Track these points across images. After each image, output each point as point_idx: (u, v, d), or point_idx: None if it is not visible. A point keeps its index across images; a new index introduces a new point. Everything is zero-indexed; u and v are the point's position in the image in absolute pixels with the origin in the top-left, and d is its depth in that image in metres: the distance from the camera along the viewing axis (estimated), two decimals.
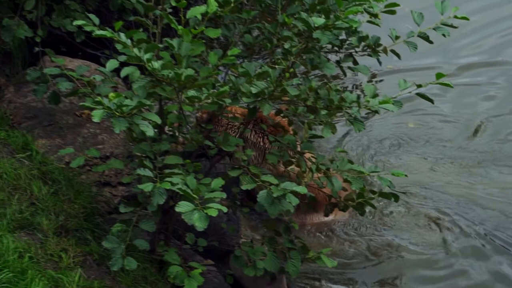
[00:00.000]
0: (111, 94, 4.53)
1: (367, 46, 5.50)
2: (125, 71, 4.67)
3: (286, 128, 5.69)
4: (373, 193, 5.41)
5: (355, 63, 5.57)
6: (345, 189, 5.42)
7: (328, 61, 5.15)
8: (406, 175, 5.24)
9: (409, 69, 9.03)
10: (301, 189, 4.68)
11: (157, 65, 4.54)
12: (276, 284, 5.83)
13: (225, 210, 4.38)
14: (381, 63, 5.60)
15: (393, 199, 5.36)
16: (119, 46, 4.65)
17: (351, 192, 5.45)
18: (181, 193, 4.46)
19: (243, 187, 4.98)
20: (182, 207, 4.34)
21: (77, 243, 5.20)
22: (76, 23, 4.90)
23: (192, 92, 4.63)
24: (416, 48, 5.39)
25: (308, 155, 5.46)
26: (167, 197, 4.68)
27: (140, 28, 5.05)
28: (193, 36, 4.66)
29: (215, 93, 4.63)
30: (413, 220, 7.07)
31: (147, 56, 4.54)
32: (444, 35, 5.31)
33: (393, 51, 5.52)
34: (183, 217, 4.33)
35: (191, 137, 5.18)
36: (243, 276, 5.69)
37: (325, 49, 5.34)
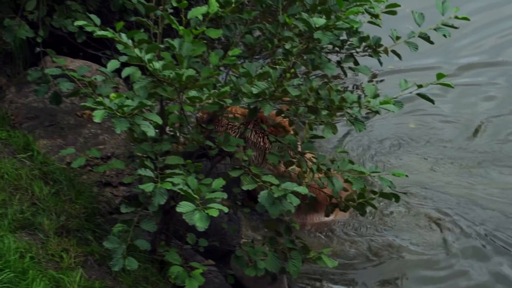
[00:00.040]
0: (112, 94, 4.53)
1: (368, 46, 5.50)
2: (126, 72, 4.67)
3: (287, 128, 5.70)
4: (374, 193, 5.42)
5: (356, 63, 5.58)
6: (346, 190, 5.42)
7: (329, 61, 5.15)
8: (406, 176, 5.24)
9: (410, 69, 9.03)
10: (302, 190, 4.68)
11: (158, 65, 4.54)
12: (277, 284, 5.83)
13: (226, 210, 4.38)
14: (382, 64, 5.61)
15: (394, 199, 5.36)
16: (120, 46, 4.66)
17: (352, 192, 5.45)
18: (182, 193, 4.47)
19: (244, 188, 4.98)
20: (183, 207, 4.34)
21: (78, 243, 5.20)
22: (77, 23, 4.91)
23: (193, 92, 4.63)
24: (417, 48, 5.39)
25: (309, 155, 5.47)
26: (168, 197, 4.67)
27: (141, 28, 5.06)
28: (194, 36, 4.66)
29: (216, 93, 4.63)
30: (414, 220, 7.07)
31: (148, 56, 4.55)
32: (445, 36, 5.31)
33: (394, 52, 5.52)
34: (184, 217, 4.33)
35: (192, 138, 5.18)
36: (244, 276, 5.70)
37: (326, 50, 5.34)
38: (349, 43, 5.51)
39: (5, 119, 6.31)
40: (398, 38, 5.37)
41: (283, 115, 5.40)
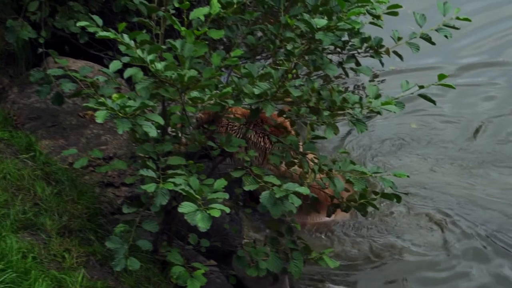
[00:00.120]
0: (114, 95, 4.54)
1: (369, 47, 5.51)
2: (128, 72, 4.68)
3: (288, 129, 5.70)
4: (375, 194, 5.42)
5: (358, 64, 5.58)
6: (347, 190, 5.42)
7: (330, 62, 5.16)
8: (408, 176, 5.25)
9: (410, 70, 9.01)
10: (304, 190, 4.69)
11: (160, 66, 4.55)
12: (278, 284, 5.83)
13: (227, 210, 4.38)
14: (383, 64, 5.61)
15: (395, 200, 5.36)
16: (122, 47, 4.66)
17: (353, 192, 5.45)
18: (184, 194, 4.48)
19: (246, 188, 4.99)
20: (185, 207, 4.35)
21: (80, 243, 5.21)
22: (79, 24, 4.92)
23: (195, 93, 4.64)
24: (418, 49, 5.40)
25: (310, 156, 5.47)
26: (170, 197, 4.68)
27: (143, 29, 5.06)
28: (196, 37, 4.67)
29: (218, 94, 4.64)
30: (415, 221, 7.06)
31: (150, 57, 4.56)
32: (446, 37, 5.32)
33: (396, 52, 5.52)
34: (186, 217, 4.34)
35: (193, 138, 5.19)
36: (245, 276, 5.70)
37: (327, 50, 5.35)
38: (350, 44, 5.52)
39: (7, 120, 6.31)
40: (399, 39, 5.37)
41: (284, 116, 5.40)
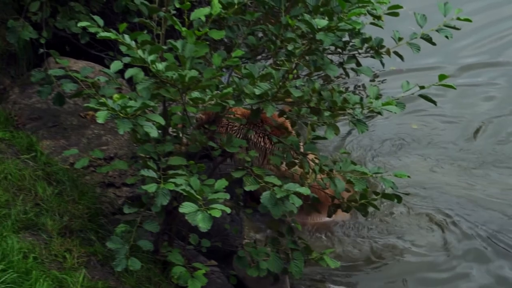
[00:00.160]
0: (115, 95, 4.54)
1: (370, 47, 5.52)
2: (129, 73, 4.68)
3: (289, 129, 5.70)
4: (376, 194, 5.42)
5: (358, 64, 5.58)
6: (348, 190, 5.42)
7: (331, 62, 5.16)
8: (409, 176, 5.25)
9: (410, 70, 9.00)
10: (304, 190, 4.69)
11: (161, 66, 4.55)
12: (279, 284, 5.83)
13: (228, 211, 4.38)
14: (384, 65, 5.62)
15: (396, 200, 5.37)
16: (123, 47, 4.67)
17: (354, 193, 5.45)
18: (185, 194, 4.48)
19: (247, 188, 4.99)
20: (185, 208, 4.35)
21: (81, 243, 5.21)
22: (80, 24, 4.92)
23: (196, 93, 4.64)
24: (419, 50, 5.41)
25: (311, 156, 5.47)
26: (170, 198, 4.69)
27: (144, 30, 5.07)
28: (197, 37, 4.67)
29: (219, 94, 4.65)
30: (415, 221, 7.05)
31: (151, 57, 4.56)
32: (447, 37, 5.32)
33: (396, 53, 5.53)
34: (186, 218, 4.34)
35: (194, 138, 5.19)
36: (246, 276, 5.71)
37: (328, 51, 5.35)
38: (351, 44, 5.52)
39: (8, 120, 6.32)
40: (400, 39, 5.38)
41: (285, 116, 5.40)
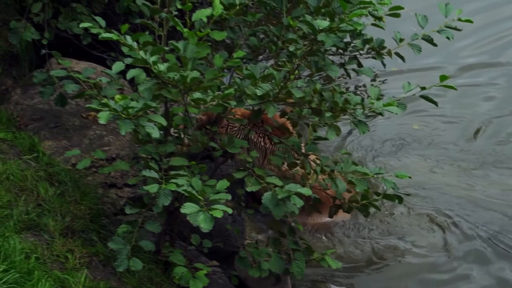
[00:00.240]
0: (117, 96, 4.55)
1: (371, 48, 5.52)
2: (131, 73, 4.69)
3: (290, 129, 5.71)
4: (377, 194, 5.42)
5: (360, 65, 5.59)
6: (349, 191, 5.43)
7: (332, 63, 5.17)
8: (410, 177, 5.25)
9: (411, 70, 8.99)
10: (306, 191, 4.69)
11: (163, 67, 4.56)
12: (280, 285, 5.83)
13: (230, 211, 4.38)
14: (385, 66, 5.62)
15: (397, 201, 5.37)
16: (125, 48, 4.67)
17: (355, 193, 5.46)
18: (187, 195, 4.48)
19: (248, 189, 5.00)
20: (187, 208, 4.35)
21: (83, 244, 5.22)
22: (82, 25, 4.93)
23: (197, 94, 4.65)
24: (420, 51, 5.41)
25: (312, 157, 5.48)
26: (172, 198, 4.70)
27: (146, 31, 5.08)
28: (198, 38, 4.68)
29: (221, 95, 4.65)
30: (416, 222, 7.05)
31: (153, 58, 4.57)
32: (448, 38, 5.32)
33: (397, 54, 5.53)
34: (188, 218, 4.34)
35: (196, 139, 5.20)
36: (248, 277, 5.71)
37: (329, 52, 5.36)
38: (352, 45, 5.52)
39: (10, 121, 6.34)
40: (401, 40, 5.38)
41: (286, 117, 5.41)
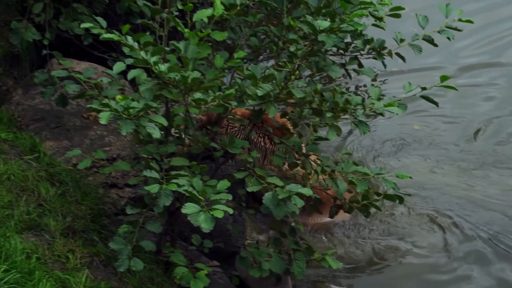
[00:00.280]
0: (118, 96, 4.56)
1: (372, 49, 5.52)
2: (132, 74, 4.69)
3: (290, 130, 5.71)
4: (378, 195, 5.43)
5: (360, 65, 5.59)
6: (350, 191, 5.43)
7: (333, 63, 5.17)
8: (410, 177, 5.26)
9: (411, 70, 9.00)
10: (306, 191, 4.70)
11: (163, 67, 4.56)
12: (281, 285, 5.84)
13: (230, 211, 4.39)
14: (386, 66, 5.62)
15: (397, 201, 5.37)
16: (126, 49, 4.68)
17: (355, 193, 5.46)
18: (187, 195, 4.49)
19: (249, 189, 5.00)
20: (188, 208, 4.36)
21: (84, 244, 5.23)
22: (83, 26, 4.94)
23: (198, 94, 4.66)
24: (421, 51, 5.41)
25: (313, 157, 5.48)
26: (173, 198, 4.70)
27: (147, 31, 5.08)
28: (199, 39, 4.69)
29: (221, 95, 4.66)
30: (416, 222, 7.05)
31: (154, 59, 4.57)
32: (449, 39, 5.32)
33: (398, 54, 5.53)
34: (189, 218, 4.35)
35: (196, 139, 5.21)
36: (248, 277, 5.71)
37: (330, 52, 5.36)
38: (353, 45, 5.52)
39: (12, 121, 6.34)
40: (402, 40, 5.38)
41: (287, 117, 5.41)
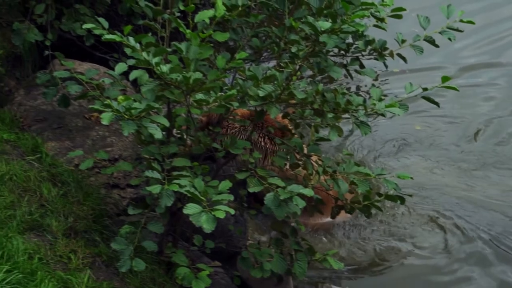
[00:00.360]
0: (120, 97, 4.56)
1: (373, 49, 5.53)
2: (133, 74, 4.70)
3: (291, 130, 5.71)
4: (379, 195, 5.43)
5: (362, 66, 5.59)
6: (351, 192, 5.43)
7: (334, 64, 5.17)
8: (411, 178, 5.26)
9: (412, 70, 8.99)
10: (308, 192, 4.70)
11: (165, 68, 4.57)
12: (282, 285, 5.84)
13: (232, 212, 4.40)
14: (387, 67, 5.63)
15: (399, 201, 5.37)
16: (128, 49, 4.68)
17: (357, 194, 5.46)
18: (189, 195, 4.50)
19: (250, 190, 5.00)
20: (190, 209, 4.37)
21: (86, 244, 5.23)
22: (85, 26, 4.94)
23: (200, 95, 4.66)
24: (422, 52, 5.40)
25: (314, 158, 5.49)
26: (175, 199, 4.69)
27: (149, 32, 5.09)
28: (201, 39, 4.69)
29: (223, 96, 4.67)
30: (417, 223, 7.05)
31: (156, 59, 4.58)
32: (450, 39, 5.32)
33: (399, 55, 5.54)
34: (191, 219, 4.35)
35: (198, 140, 5.21)
36: (250, 277, 5.72)
37: (331, 53, 5.36)
38: (354, 46, 5.53)
39: (14, 122, 6.35)
40: (403, 41, 5.38)
41: (288, 118, 5.42)
